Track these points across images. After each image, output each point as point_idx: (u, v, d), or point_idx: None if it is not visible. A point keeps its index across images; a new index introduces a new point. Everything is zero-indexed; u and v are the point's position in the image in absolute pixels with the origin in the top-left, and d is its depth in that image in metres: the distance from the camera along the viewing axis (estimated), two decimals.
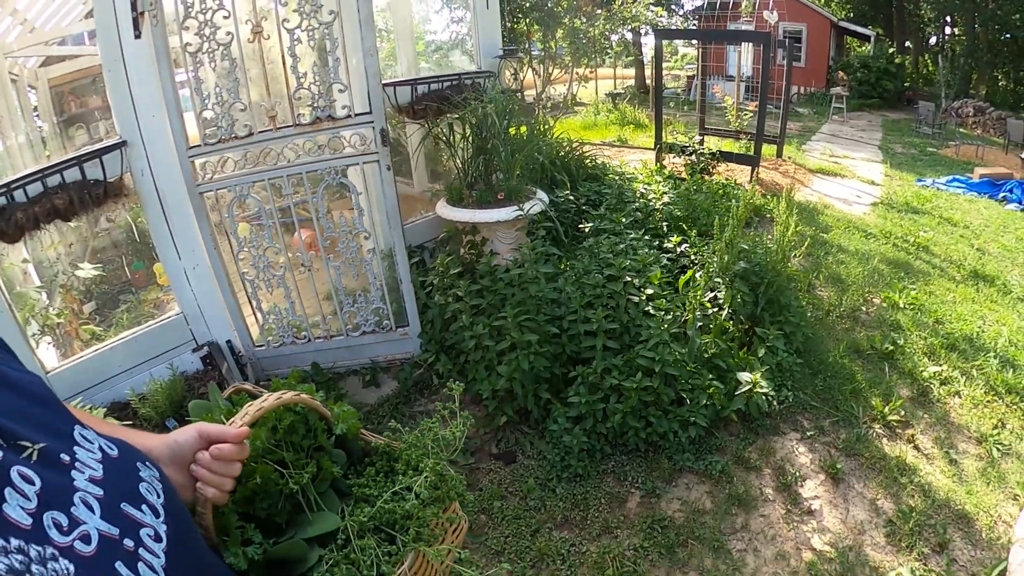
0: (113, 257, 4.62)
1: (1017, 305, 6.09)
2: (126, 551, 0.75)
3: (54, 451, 0.74)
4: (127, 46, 3.26)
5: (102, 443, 0.83)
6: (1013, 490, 3.55)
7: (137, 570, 0.74)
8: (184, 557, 0.86)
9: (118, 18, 3.20)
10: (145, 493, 0.84)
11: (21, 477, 0.67)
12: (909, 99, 26.08)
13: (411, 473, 1.38)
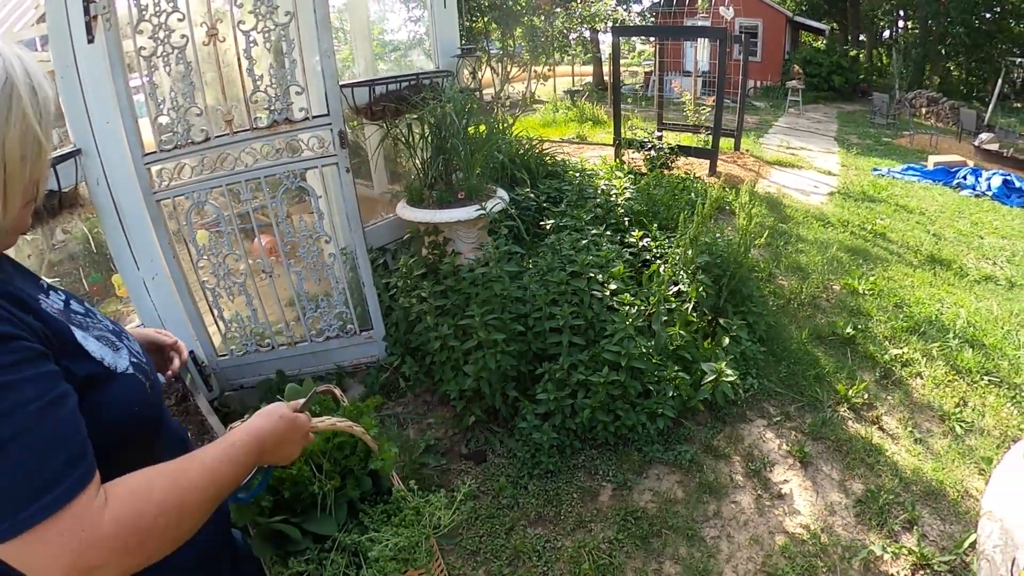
0: (70, 270, 4.52)
1: (974, 287, 6.23)
2: None
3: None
4: (80, 51, 3.18)
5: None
6: (978, 465, 3.63)
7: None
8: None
9: (70, 22, 3.12)
10: None
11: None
12: (864, 91, 26.55)
13: (402, 531, 1.48)
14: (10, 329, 0.92)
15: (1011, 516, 2.50)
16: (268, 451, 1.22)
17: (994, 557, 2.45)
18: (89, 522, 0.89)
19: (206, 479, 1.06)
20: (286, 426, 1.26)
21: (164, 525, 0.97)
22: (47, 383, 0.92)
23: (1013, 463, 2.70)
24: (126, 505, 0.94)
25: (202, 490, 1.05)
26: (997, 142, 14.64)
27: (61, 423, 0.91)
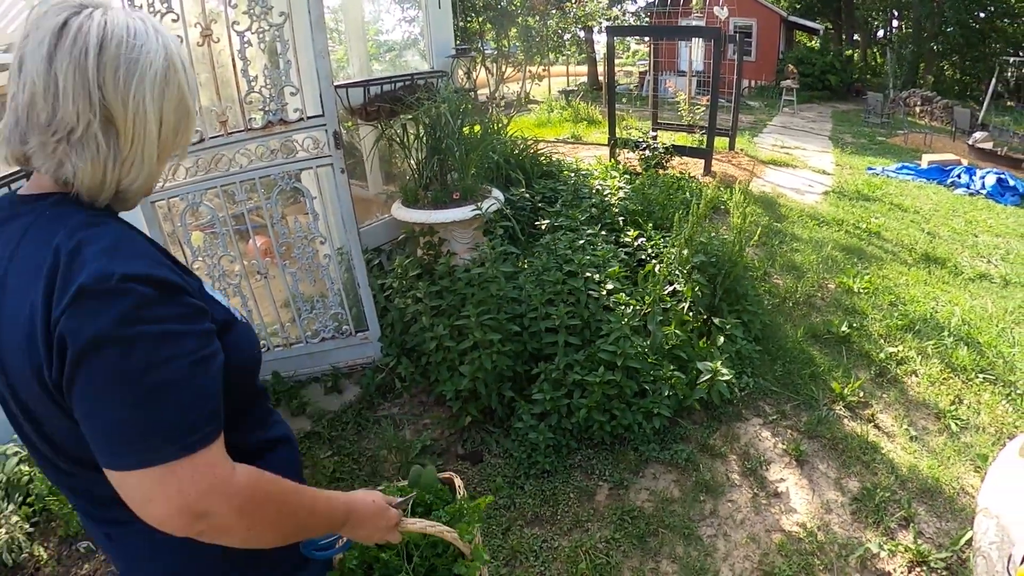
0: None
1: (968, 285, 6.24)
2: None
3: None
4: None
5: None
6: (974, 462, 3.64)
7: None
8: None
9: None
10: None
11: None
12: (858, 90, 26.64)
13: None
14: (179, 282, 1.05)
15: (1007, 513, 2.50)
16: (352, 523, 1.31)
17: (990, 553, 2.45)
18: (222, 472, 1.02)
19: (306, 508, 1.18)
20: (374, 511, 1.35)
21: (271, 515, 1.10)
22: (204, 340, 1.05)
23: (1008, 460, 2.71)
24: (253, 477, 1.07)
25: (301, 514, 1.17)
26: (991, 141, 14.68)
27: (208, 379, 1.04)
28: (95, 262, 0.97)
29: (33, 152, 1.05)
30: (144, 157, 1.10)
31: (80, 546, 2.68)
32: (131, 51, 1.04)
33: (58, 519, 2.78)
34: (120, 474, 0.98)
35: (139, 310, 0.97)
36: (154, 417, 0.96)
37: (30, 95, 1.02)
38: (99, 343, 0.93)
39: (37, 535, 2.76)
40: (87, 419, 0.97)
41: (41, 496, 2.80)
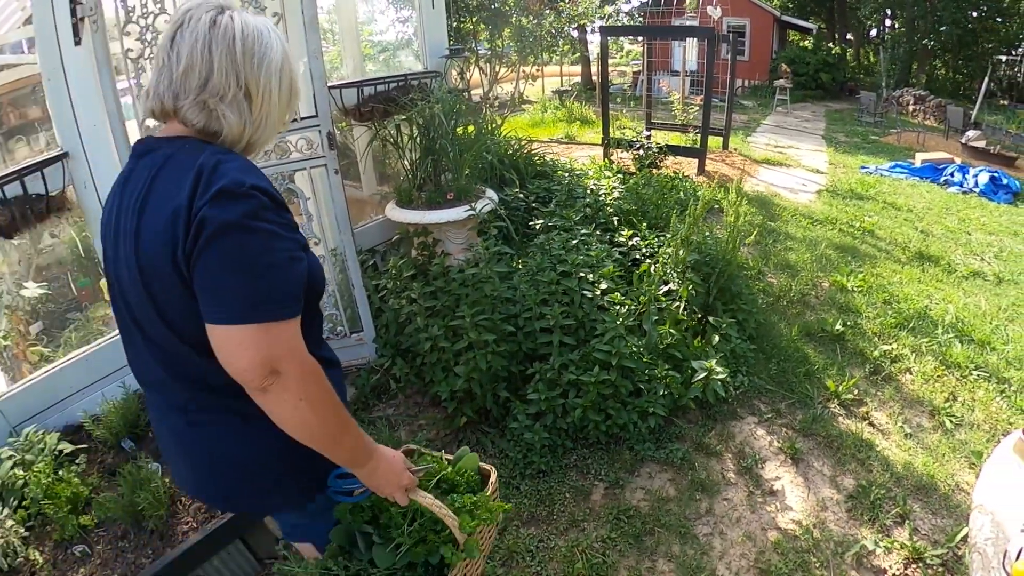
0: (58, 274, 4.47)
1: (962, 283, 6.26)
2: None
3: None
4: (67, 54, 3.15)
5: None
6: (968, 459, 3.65)
7: None
8: None
9: (57, 25, 3.09)
10: None
11: None
12: (851, 90, 26.71)
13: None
14: (283, 201, 1.41)
15: (1002, 509, 2.50)
16: (371, 467, 1.55)
17: (986, 550, 2.45)
18: (298, 343, 1.36)
19: (344, 421, 1.47)
20: (392, 467, 1.59)
21: (320, 401, 1.38)
22: (297, 246, 1.40)
23: (1003, 456, 2.71)
24: (318, 365, 1.40)
25: (339, 422, 1.45)
26: (984, 139, 14.73)
27: (297, 274, 1.38)
28: (232, 174, 1.33)
29: (187, 108, 1.42)
30: (268, 120, 1.53)
31: (75, 550, 2.66)
32: (262, 46, 1.45)
33: (53, 523, 2.77)
34: (223, 328, 1.29)
35: (259, 211, 1.32)
36: (260, 287, 1.29)
37: (187, 67, 1.39)
38: (228, 228, 1.27)
39: (32, 539, 2.74)
40: (206, 284, 1.30)
41: (36, 500, 2.79)
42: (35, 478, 2.84)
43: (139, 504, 2.70)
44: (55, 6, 3.05)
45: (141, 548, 2.64)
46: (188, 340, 1.41)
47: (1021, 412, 4.07)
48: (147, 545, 2.65)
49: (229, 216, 1.27)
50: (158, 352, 1.49)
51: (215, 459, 1.59)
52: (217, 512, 2.73)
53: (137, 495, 2.71)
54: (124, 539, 2.70)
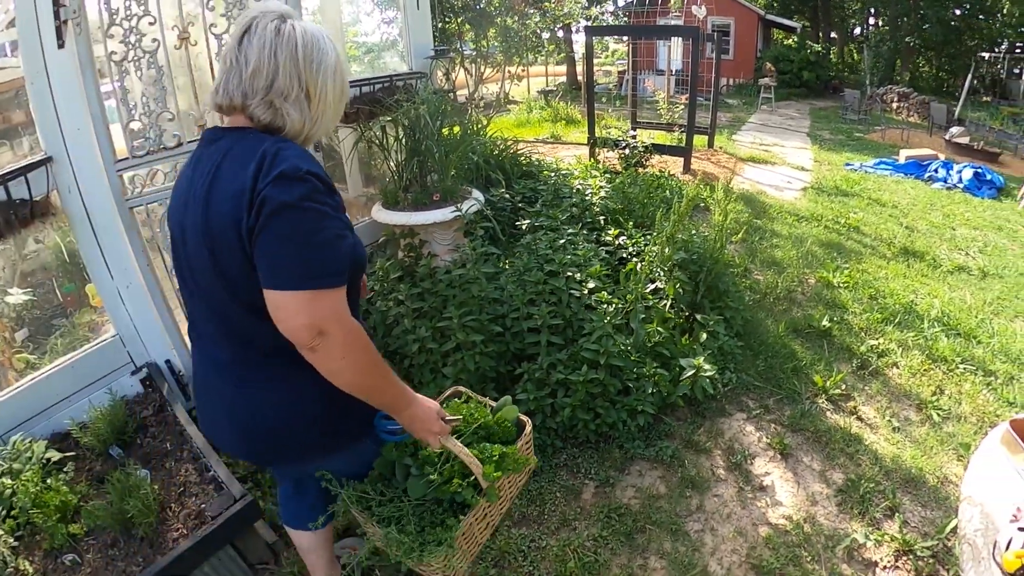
0: (43, 280, 4.43)
1: (947, 278, 6.31)
2: None
3: None
4: (50, 57, 3.11)
5: None
6: (957, 451, 3.67)
7: None
8: None
9: (40, 28, 3.05)
10: None
11: None
12: (835, 87, 26.87)
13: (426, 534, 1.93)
14: (333, 186, 1.63)
15: (991, 500, 2.52)
16: (410, 413, 1.79)
17: (975, 541, 2.47)
18: (343, 309, 1.57)
19: (385, 374, 1.70)
20: (428, 414, 1.81)
21: (362, 357, 1.61)
22: (344, 226, 1.63)
23: (991, 448, 2.73)
24: (360, 328, 1.61)
25: (380, 374, 1.68)
26: (967, 135, 14.85)
27: (343, 251, 1.59)
28: (291, 160, 1.54)
29: (255, 106, 1.63)
30: (323, 118, 1.74)
31: (65, 559, 2.63)
32: (319, 52, 1.65)
33: (42, 532, 2.74)
34: (280, 293, 1.50)
35: (313, 193, 1.54)
36: (312, 260, 1.51)
37: (255, 69, 1.60)
38: (286, 207, 1.49)
39: (22, 549, 2.71)
40: (265, 254, 1.51)
41: (25, 509, 2.76)
42: (23, 487, 2.81)
43: (128, 511, 2.68)
44: (38, 9, 3.01)
45: (131, 556, 2.62)
46: (243, 302, 1.63)
47: (1008, 404, 4.11)
48: (137, 553, 2.63)
49: (287, 197, 1.50)
50: (213, 311, 1.72)
51: (256, 417, 1.79)
52: (207, 518, 2.72)
53: (126, 502, 2.69)
54: (114, 547, 2.67)
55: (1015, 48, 25.80)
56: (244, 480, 3.37)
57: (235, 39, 1.62)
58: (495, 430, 2.09)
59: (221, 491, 2.77)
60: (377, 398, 1.72)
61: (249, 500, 2.66)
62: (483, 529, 2.09)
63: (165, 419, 3.43)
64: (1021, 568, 2.09)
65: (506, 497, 2.12)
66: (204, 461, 2.98)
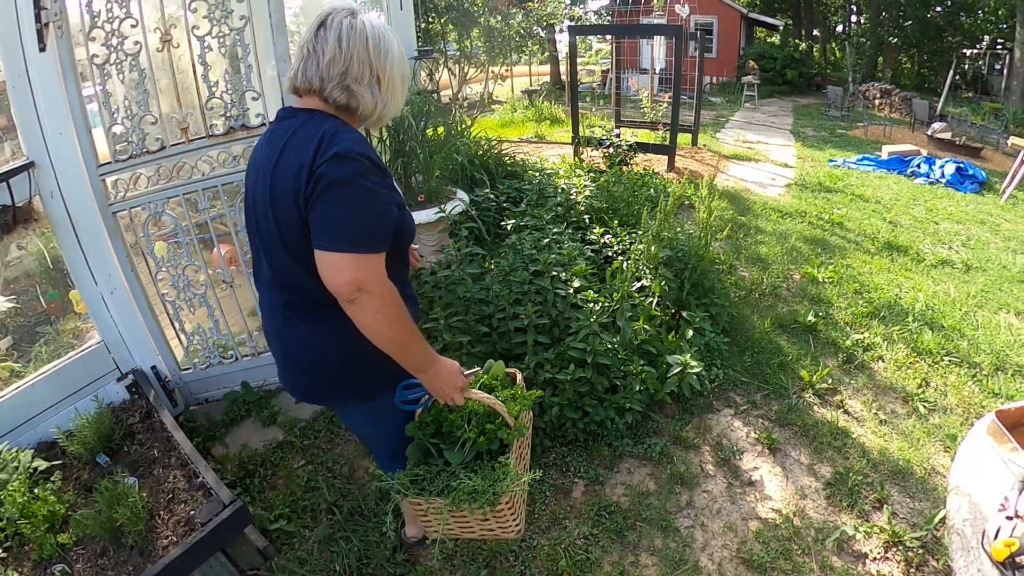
0: (27, 287, 4.39)
1: (931, 272, 6.35)
2: None
3: None
4: (31, 60, 3.08)
5: None
6: (943, 442, 3.70)
7: None
8: None
9: (21, 31, 3.02)
10: None
11: None
12: (818, 84, 27.04)
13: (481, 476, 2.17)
14: (387, 169, 1.90)
15: (978, 490, 2.55)
16: (433, 372, 2.02)
17: (964, 530, 2.49)
18: (381, 270, 1.82)
19: (412, 333, 1.93)
20: (451, 372, 2.05)
21: (393, 314, 1.84)
22: (391, 202, 1.88)
23: (977, 439, 2.75)
24: (395, 289, 1.85)
25: (408, 332, 1.91)
26: (949, 131, 14.97)
27: (386, 224, 1.85)
28: (346, 142, 1.77)
29: (331, 89, 1.86)
30: (393, 99, 1.97)
31: (55, 569, 2.61)
32: (385, 43, 1.89)
33: (31, 543, 2.72)
34: (329, 253, 1.75)
35: (364, 172, 1.77)
36: (361, 227, 1.76)
37: (331, 58, 1.83)
38: (339, 182, 1.73)
39: (10, 560, 2.69)
40: (319, 220, 1.75)
41: (12, 520, 2.74)
42: (10, 497, 2.79)
43: (117, 520, 2.66)
44: (19, 12, 2.99)
45: (121, 564, 2.60)
46: (297, 258, 1.87)
47: (993, 395, 4.14)
48: (127, 561, 2.61)
49: (340, 174, 1.74)
50: (272, 263, 1.96)
51: (301, 352, 2.07)
52: (197, 525, 2.70)
53: (115, 511, 2.67)
54: (104, 556, 2.66)
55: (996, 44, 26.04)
56: (233, 486, 3.36)
57: (311, 31, 1.87)
58: (494, 384, 2.41)
59: (210, 497, 2.75)
60: (404, 355, 1.94)
61: (239, 506, 2.65)
62: (522, 469, 2.37)
63: (152, 426, 3.41)
64: (1009, 556, 2.11)
65: (528, 439, 2.46)
66: (192, 467, 2.96)
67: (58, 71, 3.12)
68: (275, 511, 3.19)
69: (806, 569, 2.88)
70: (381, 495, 3.27)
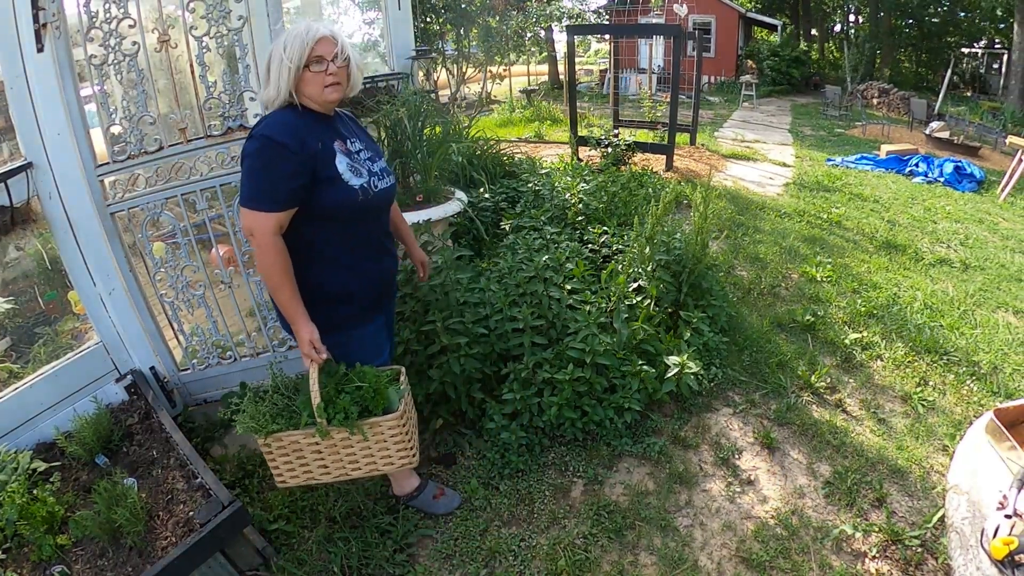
0: (25, 288, 4.38)
1: (929, 271, 6.35)
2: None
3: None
4: (29, 61, 3.07)
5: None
6: (942, 441, 3.70)
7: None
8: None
9: (19, 31, 3.01)
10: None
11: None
12: (816, 84, 27.05)
13: None
14: (286, 143, 2.28)
15: (977, 489, 2.55)
16: (296, 329, 2.45)
17: (963, 529, 2.50)
18: (266, 226, 2.29)
19: (278, 288, 2.37)
20: (301, 339, 2.44)
21: (265, 266, 2.34)
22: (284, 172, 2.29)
23: (976, 438, 2.76)
24: (274, 246, 2.32)
25: (276, 286, 2.37)
26: (947, 130, 14.98)
27: (282, 188, 2.30)
28: (260, 126, 2.34)
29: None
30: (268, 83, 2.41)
31: (54, 571, 2.61)
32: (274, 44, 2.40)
33: (30, 544, 2.71)
34: (240, 207, 2.32)
35: (261, 148, 2.28)
36: (252, 189, 2.29)
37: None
38: (244, 155, 2.33)
39: (9, 562, 2.69)
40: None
41: (11, 521, 2.74)
42: (9, 498, 2.78)
43: (116, 521, 2.66)
44: (17, 12, 2.98)
45: (120, 565, 2.60)
46: None
47: (991, 394, 4.14)
48: (126, 562, 2.61)
49: (245, 150, 2.33)
50: None
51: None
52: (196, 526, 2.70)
53: (113, 511, 2.67)
54: (103, 557, 2.65)
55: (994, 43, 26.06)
56: (232, 486, 3.35)
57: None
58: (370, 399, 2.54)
59: (209, 498, 2.75)
60: (277, 298, 2.41)
61: (238, 506, 2.65)
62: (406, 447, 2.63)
63: (151, 426, 3.41)
64: (1008, 555, 2.11)
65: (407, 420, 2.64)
66: (191, 468, 2.96)
67: (56, 72, 3.12)
68: (274, 511, 3.19)
69: (805, 568, 2.88)
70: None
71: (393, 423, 2.53)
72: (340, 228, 2.51)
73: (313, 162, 2.37)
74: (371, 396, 2.53)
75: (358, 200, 2.47)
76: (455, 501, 3.27)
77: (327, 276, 2.58)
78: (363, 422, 2.50)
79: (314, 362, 2.42)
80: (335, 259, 2.57)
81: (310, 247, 2.51)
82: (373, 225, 2.67)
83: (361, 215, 2.54)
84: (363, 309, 2.73)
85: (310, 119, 2.45)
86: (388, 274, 2.84)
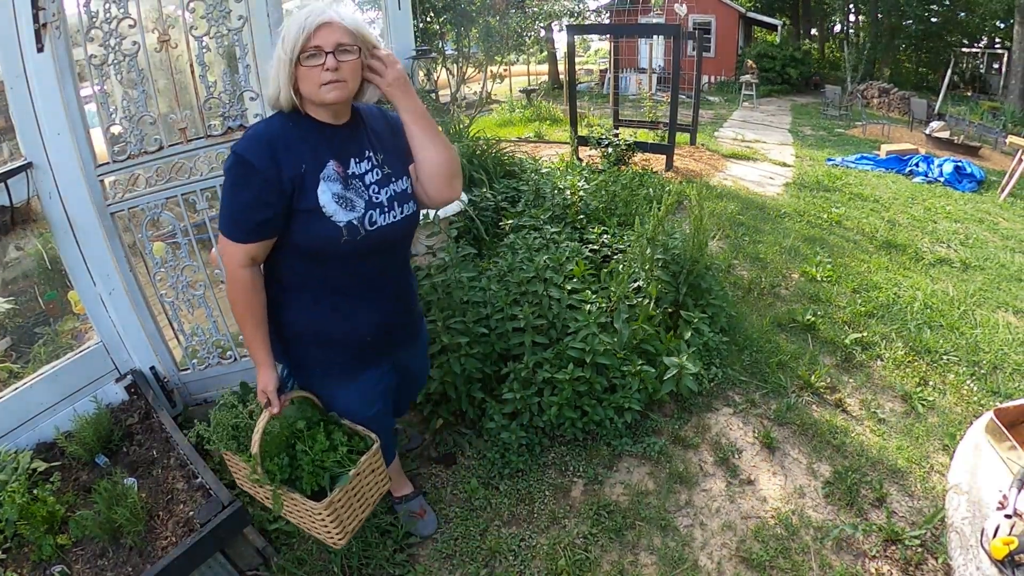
0: (25, 288, 4.38)
1: (929, 270, 6.35)
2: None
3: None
4: (29, 61, 3.07)
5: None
6: (942, 441, 3.70)
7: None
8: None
9: (19, 31, 3.01)
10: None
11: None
12: (816, 84, 27.04)
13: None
14: (255, 165, 1.94)
15: (977, 489, 2.55)
16: (257, 370, 2.24)
17: (963, 529, 2.49)
18: (235, 256, 2.03)
19: (242, 322, 2.15)
20: (259, 386, 2.25)
21: (234, 299, 2.12)
22: (252, 199, 1.97)
23: (976, 437, 2.75)
24: (241, 278, 2.07)
25: (240, 320, 2.15)
26: (947, 130, 14.97)
27: (249, 216, 1.99)
28: (240, 140, 2.02)
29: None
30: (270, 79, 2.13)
31: (54, 571, 2.61)
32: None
33: (30, 544, 2.71)
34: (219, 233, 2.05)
35: (231, 166, 1.99)
36: (225, 212, 2.02)
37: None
38: (223, 170, 2.04)
39: (9, 562, 2.69)
40: None
41: (11, 521, 2.74)
42: (9, 498, 2.78)
43: (116, 521, 2.66)
44: (17, 12, 2.98)
45: (120, 566, 2.60)
46: None
47: (992, 394, 4.15)
48: (126, 563, 2.61)
49: (224, 166, 2.04)
50: None
51: None
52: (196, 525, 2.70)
53: (114, 511, 2.67)
54: (103, 557, 2.65)
55: (994, 43, 26.06)
56: (232, 486, 3.35)
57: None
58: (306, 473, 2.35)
59: (209, 498, 2.75)
60: (243, 332, 2.18)
61: (238, 506, 2.65)
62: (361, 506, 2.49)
63: (151, 426, 3.41)
64: (1008, 555, 2.11)
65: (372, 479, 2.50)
66: (191, 468, 2.96)
67: (56, 71, 3.11)
68: (274, 511, 3.19)
69: (805, 568, 2.88)
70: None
71: (318, 508, 2.29)
72: (320, 268, 2.14)
73: (290, 188, 1.97)
74: (308, 470, 2.33)
75: (340, 240, 2.04)
76: (430, 527, 3.13)
77: (302, 317, 2.27)
78: (285, 493, 2.33)
79: (265, 405, 2.25)
80: (315, 301, 2.23)
81: (283, 282, 2.23)
82: (370, 266, 2.24)
83: (348, 256, 2.12)
84: (352, 357, 2.40)
85: (305, 131, 2.06)
86: (391, 320, 2.44)
